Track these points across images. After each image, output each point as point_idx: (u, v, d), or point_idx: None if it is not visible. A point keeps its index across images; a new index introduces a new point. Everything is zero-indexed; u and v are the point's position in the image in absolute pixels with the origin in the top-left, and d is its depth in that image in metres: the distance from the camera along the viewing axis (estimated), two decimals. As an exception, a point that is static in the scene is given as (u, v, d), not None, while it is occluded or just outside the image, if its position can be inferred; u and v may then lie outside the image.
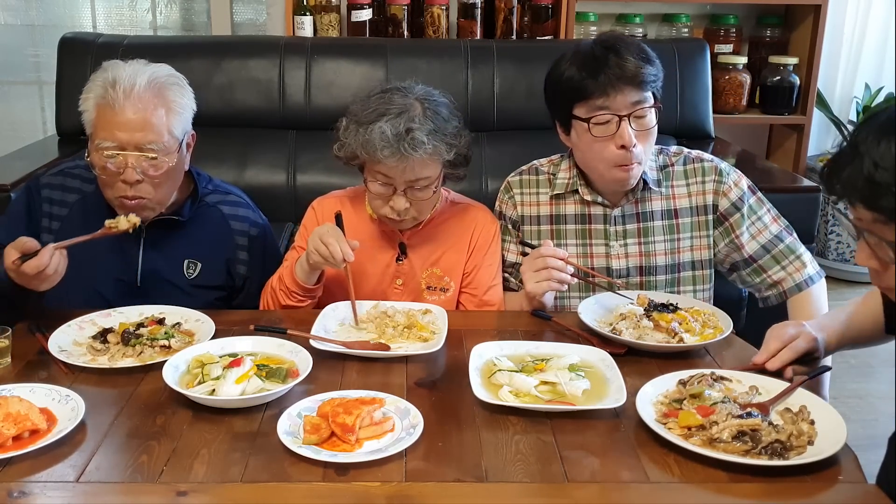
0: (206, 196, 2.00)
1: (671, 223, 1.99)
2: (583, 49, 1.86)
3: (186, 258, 1.95)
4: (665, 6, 3.89)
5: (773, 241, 1.96)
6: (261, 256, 2.02)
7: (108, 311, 1.78)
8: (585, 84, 1.82)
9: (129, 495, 1.22)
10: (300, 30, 3.54)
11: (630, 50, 1.82)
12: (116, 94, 1.77)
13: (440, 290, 1.98)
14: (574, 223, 2.01)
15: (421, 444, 1.32)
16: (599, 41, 1.86)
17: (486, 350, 1.62)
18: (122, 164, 1.78)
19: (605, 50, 1.82)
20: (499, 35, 3.62)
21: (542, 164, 2.08)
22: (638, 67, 1.80)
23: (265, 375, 1.48)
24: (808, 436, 1.32)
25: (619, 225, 1.99)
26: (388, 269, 1.98)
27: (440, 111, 1.85)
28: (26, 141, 3.34)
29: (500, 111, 2.92)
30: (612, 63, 1.80)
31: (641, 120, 1.84)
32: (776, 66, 3.82)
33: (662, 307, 1.78)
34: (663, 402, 1.45)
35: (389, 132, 1.76)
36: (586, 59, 1.83)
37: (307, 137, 2.88)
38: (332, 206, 2.01)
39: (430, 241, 1.99)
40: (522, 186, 2.07)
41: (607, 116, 1.83)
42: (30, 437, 1.32)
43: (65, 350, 1.63)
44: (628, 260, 1.99)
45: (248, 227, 2.01)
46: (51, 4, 3.95)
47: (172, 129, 1.82)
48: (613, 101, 1.81)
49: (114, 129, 1.77)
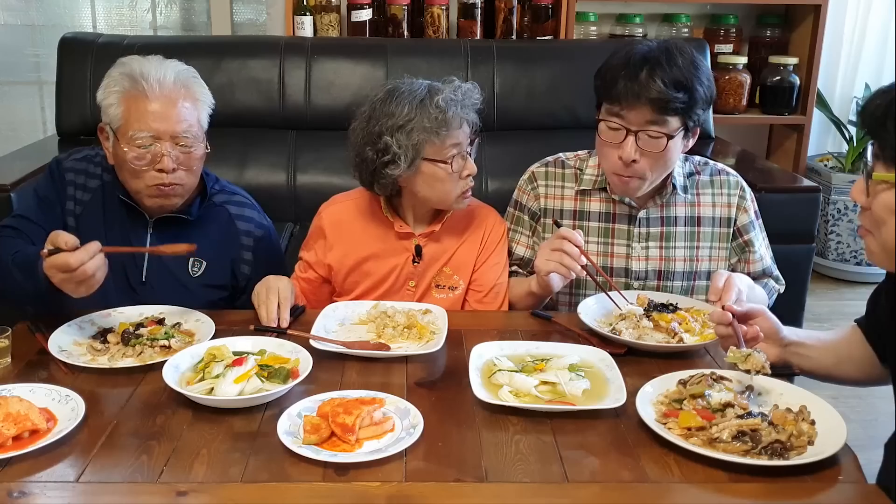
0: (214, 196, 2.01)
1: (693, 230, 1.99)
2: (636, 49, 1.82)
3: (192, 257, 1.96)
4: (665, 6, 3.89)
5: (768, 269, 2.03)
6: (264, 258, 2.03)
7: (108, 311, 1.78)
8: (612, 86, 1.80)
9: (129, 495, 1.22)
10: (300, 30, 3.54)
11: (666, 71, 1.76)
12: (151, 86, 1.81)
13: (449, 289, 1.98)
14: (598, 221, 2.01)
15: (421, 444, 1.32)
16: (647, 50, 1.80)
17: (486, 350, 1.62)
18: (157, 152, 1.81)
19: (644, 61, 1.77)
20: (499, 35, 3.62)
21: (568, 158, 2.07)
22: (662, 93, 1.75)
23: (267, 376, 1.49)
24: (808, 436, 1.32)
25: (643, 227, 1.98)
26: (403, 271, 1.98)
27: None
28: (26, 141, 3.34)
29: (500, 111, 2.92)
30: (641, 78, 1.76)
31: (653, 140, 1.80)
32: (776, 66, 3.82)
33: (662, 307, 1.78)
34: (663, 402, 1.44)
35: (451, 95, 1.82)
36: (629, 61, 1.79)
37: (307, 137, 2.89)
38: (339, 214, 2.01)
39: (443, 241, 1.99)
40: (548, 178, 2.05)
41: (617, 125, 1.82)
42: (30, 437, 1.32)
43: (65, 350, 1.63)
44: (648, 263, 1.98)
45: (254, 228, 2.02)
46: (51, 4, 3.95)
47: (201, 119, 1.90)
48: (628, 114, 1.79)
49: (149, 120, 1.81)
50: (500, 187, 2.76)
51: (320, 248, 2.00)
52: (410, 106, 1.82)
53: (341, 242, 1.98)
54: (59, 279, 1.61)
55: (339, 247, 1.98)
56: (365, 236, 1.98)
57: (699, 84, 1.80)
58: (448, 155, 1.84)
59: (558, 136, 2.83)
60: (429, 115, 1.81)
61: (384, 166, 1.84)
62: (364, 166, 1.89)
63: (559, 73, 2.96)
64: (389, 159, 1.83)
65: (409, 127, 1.81)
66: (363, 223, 1.99)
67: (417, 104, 1.82)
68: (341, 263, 1.98)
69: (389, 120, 1.83)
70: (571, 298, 1.99)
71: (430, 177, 1.86)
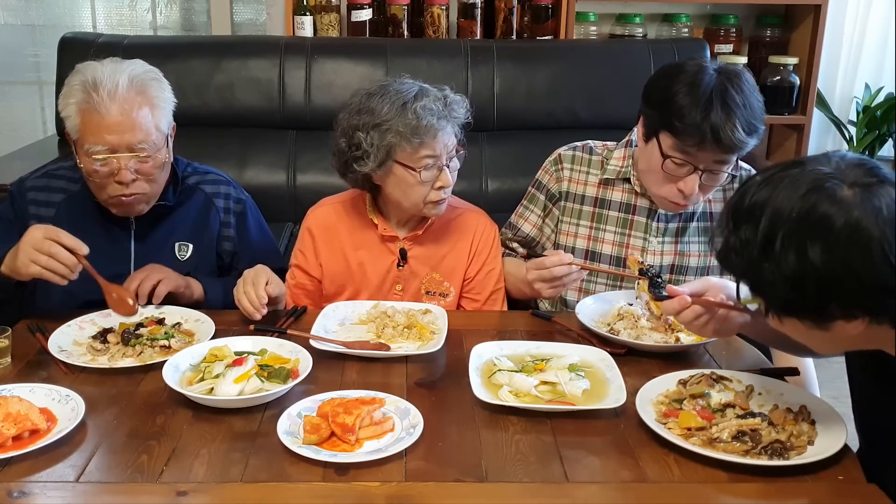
0: (187, 178, 2.01)
1: (707, 225, 1.98)
2: (704, 84, 1.72)
3: (177, 241, 1.96)
4: (665, 6, 3.88)
5: None
6: (247, 231, 2.04)
7: (108, 310, 1.78)
8: (682, 122, 1.72)
9: (129, 495, 1.22)
10: (300, 30, 3.54)
11: (741, 113, 1.70)
12: (101, 98, 1.75)
13: (440, 296, 1.97)
14: (618, 210, 2.00)
15: (421, 444, 1.32)
16: (722, 90, 1.71)
17: (486, 350, 1.62)
18: (115, 166, 1.78)
19: (719, 99, 1.70)
20: (499, 35, 3.61)
21: (596, 146, 2.05)
22: (740, 141, 1.70)
23: (267, 376, 1.49)
24: (808, 436, 1.32)
25: (662, 222, 1.97)
26: (389, 274, 1.97)
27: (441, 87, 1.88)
28: (26, 141, 3.34)
29: (500, 111, 2.92)
30: (717, 120, 1.69)
31: (716, 176, 1.80)
32: (776, 66, 3.81)
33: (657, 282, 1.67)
34: (663, 402, 1.45)
35: (432, 104, 1.79)
36: (702, 101, 1.71)
37: (307, 137, 2.88)
38: (325, 216, 2.00)
39: (430, 246, 1.98)
40: (574, 162, 2.04)
41: (683, 161, 1.78)
42: (30, 437, 1.33)
43: (65, 350, 1.63)
44: (663, 258, 1.98)
45: (232, 203, 2.03)
46: (51, 4, 3.94)
47: (159, 124, 1.83)
48: (698, 153, 1.75)
49: (103, 132, 1.76)
50: (500, 187, 2.76)
51: (309, 250, 1.99)
52: (391, 107, 1.80)
53: (328, 245, 1.98)
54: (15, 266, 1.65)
55: (326, 249, 1.98)
56: (351, 239, 1.98)
57: (762, 122, 1.76)
58: (420, 164, 1.82)
59: (558, 136, 2.81)
60: (406, 120, 1.78)
61: (354, 161, 1.85)
62: (338, 156, 1.90)
63: (559, 73, 2.96)
64: (359, 155, 1.84)
65: (384, 127, 1.80)
66: (349, 225, 1.98)
67: (398, 107, 1.80)
68: (328, 265, 1.98)
69: (368, 117, 1.83)
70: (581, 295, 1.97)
71: (402, 180, 1.85)
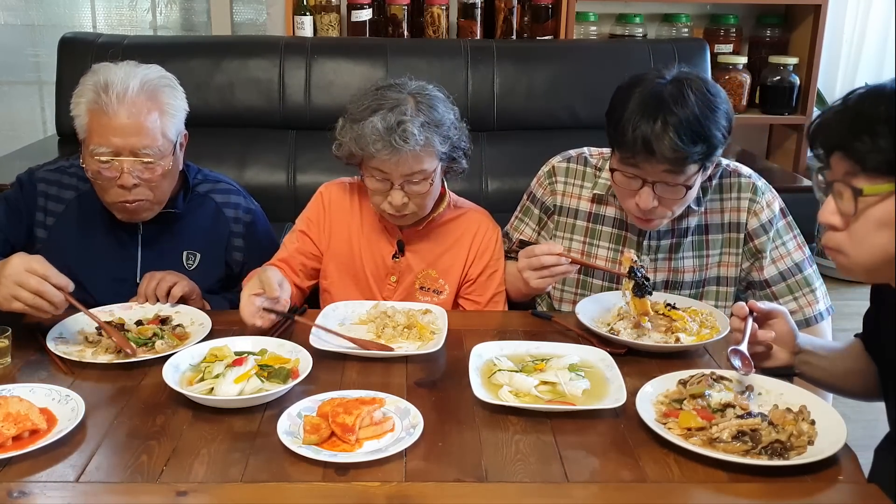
0: (197, 186, 2.01)
1: (701, 239, 1.94)
2: (646, 95, 1.69)
3: (185, 250, 1.96)
4: (665, 6, 3.88)
5: (791, 270, 1.92)
6: (256, 242, 2.04)
7: (129, 304, 1.79)
8: (623, 136, 1.69)
9: (129, 495, 1.22)
10: (300, 30, 3.54)
11: (681, 121, 1.64)
12: (109, 99, 1.75)
13: (433, 292, 1.97)
14: (612, 226, 1.96)
15: (421, 444, 1.32)
16: (657, 94, 1.68)
17: (486, 350, 1.62)
18: (118, 169, 1.77)
19: (656, 108, 1.66)
20: (499, 35, 3.62)
21: (592, 155, 2.00)
22: (678, 150, 1.65)
23: (267, 376, 1.49)
24: (808, 436, 1.32)
25: (654, 240, 1.93)
26: (384, 264, 1.98)
27: (434, 104, 1.84)
28: (26, 141, 3.35)
29: (500, 111, 2.92)
30: (655, 130, 1.64)
31: (670, 188, 1.73)
32: (776, 66, 3.82)
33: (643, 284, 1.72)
34: (663, 402, 1.44)
35: (381, 126, 1.76)
36: (636, 112, 1.67)
37: (307, 137, 2.88)
38: (339, 194, 2.02)
39: (429, 241, 1.98)
40: (568, 175, 2.01)
41: (632, 174, 1.74)
42: (30, 437, 1.32)
43: (63, 337, 1.65)
44: (656, 274, 1.94)
45: (242, 213, 2.03)
46: (51, 4, 3.95)
47: (167, 131, 1.81)
48: (644, 165, 1.71)
49: (108, 134, 1.76)
50: (499, 187, 2.77)
51: (322, 221, 1.99)
52: (369, 109, 1.80)
53: (339, 222, 1.99)
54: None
55: (337, 225, 1.99)
56: (358, 222, 1.99)
57: (716, 129, 1.68)
58: (369, 173, 1.84)
59: (558, 136, 2.82)
60: (367, 126, 1.77)
61: (333, 142, 1.89)
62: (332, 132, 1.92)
63: (559, 73, 2.96)
64: (336, 139, 1.88)
65: (357, 123, 1.80)
66: (359, 208, 2.00)
67: (374, 110, 1.79)
68: (335, 241, 1.99)
69: (355, 106, 1.84)
70: (575, 298, 1.98)
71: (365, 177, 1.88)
